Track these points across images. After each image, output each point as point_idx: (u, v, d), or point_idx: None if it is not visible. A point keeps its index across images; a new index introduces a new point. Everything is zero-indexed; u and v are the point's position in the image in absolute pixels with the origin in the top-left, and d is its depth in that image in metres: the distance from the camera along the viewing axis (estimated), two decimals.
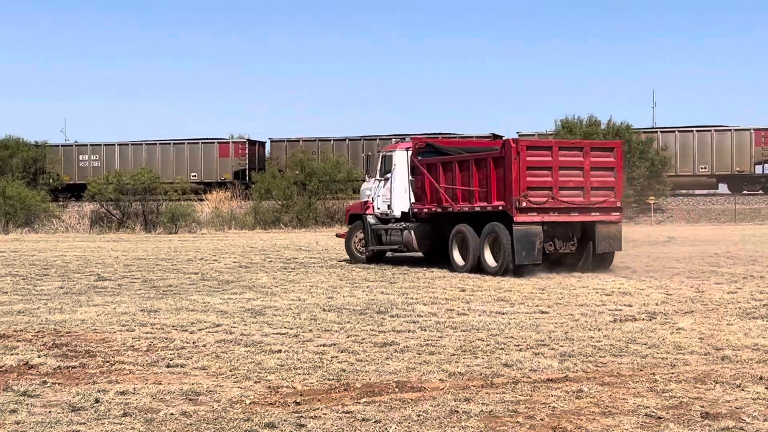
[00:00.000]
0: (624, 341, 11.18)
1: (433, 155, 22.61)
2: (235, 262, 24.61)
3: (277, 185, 49.61)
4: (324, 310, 14.28)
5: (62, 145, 58.31)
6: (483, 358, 10.13)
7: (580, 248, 20.43)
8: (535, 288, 17.18)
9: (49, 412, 7.89)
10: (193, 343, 11.31)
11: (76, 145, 57.52)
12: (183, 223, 47.18)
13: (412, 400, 8.24)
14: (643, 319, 13.07)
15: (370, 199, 23.81)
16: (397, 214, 22.98)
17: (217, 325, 12.70)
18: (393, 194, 22.99)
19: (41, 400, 8.31)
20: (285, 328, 12.43)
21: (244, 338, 11.58)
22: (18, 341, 11.51)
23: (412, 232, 22.37)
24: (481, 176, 20.42)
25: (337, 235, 27.52)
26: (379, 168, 23.71)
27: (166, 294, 16.94)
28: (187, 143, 55.98)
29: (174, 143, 56.10)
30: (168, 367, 9.83)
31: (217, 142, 55.97)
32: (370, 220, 23.48)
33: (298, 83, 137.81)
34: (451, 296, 16.03)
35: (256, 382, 9.02)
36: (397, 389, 8.67)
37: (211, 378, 9.24)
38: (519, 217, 19.38)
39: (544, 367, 9.65)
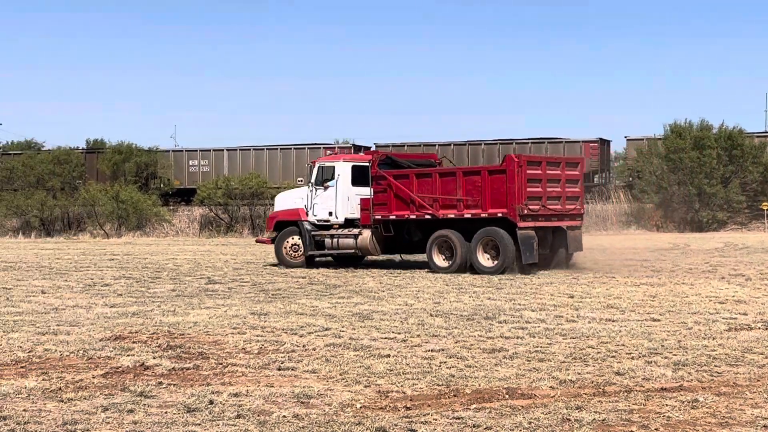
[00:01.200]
0: (740, 350, 10.90)
1: (386, 167, 24.44)
2: (341, 266, 24.78)
3: None
4: (431, 315, 14.28)
5: (173, 151, 59.44)
6: (594, 366, 10.00)
7: (552, 249, 23.15)
8: (645, 295, 16.88)
9: (165, 412, 8.06)
10: (303, 346, 11.43)
11: (186, 151, 58.62)
12: None
13: (522, 407, 8.17)
14: (759, 328, 12.73)
15: (303, 207, 24.95)
16: (341, 220, 24.53)
17: (326, 329, 12.81)
18: (337, 202, 24.51)
19: (157, 401, 8.49)
20: (393, 332, 12.47)
21: (353, 342, 11.66)
22: (134, 342, 11.80)
23: (371, 236, 23.81)
24: (470, 186, 22.43)
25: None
26: (315, 177, 24.87)
27: (275, 297, 17.16)
28: (294, 148, 56.61)
29: (281, 148, 56.79)
30: (279, 369, 9.95)
31: (323, 148, 56.47)
32: (307, 226, 24.74)
33: (404, 87, 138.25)
34: (560, 302, 15.86)
35: (366, 386, 9.06)
36: (507, 396, 8.62)
37: (321, 381, 9.31)
38: (522, 224, 21.79)
39: (658, 375, 9.47)
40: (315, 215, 24.73)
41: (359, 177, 24.44)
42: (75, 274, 22.87)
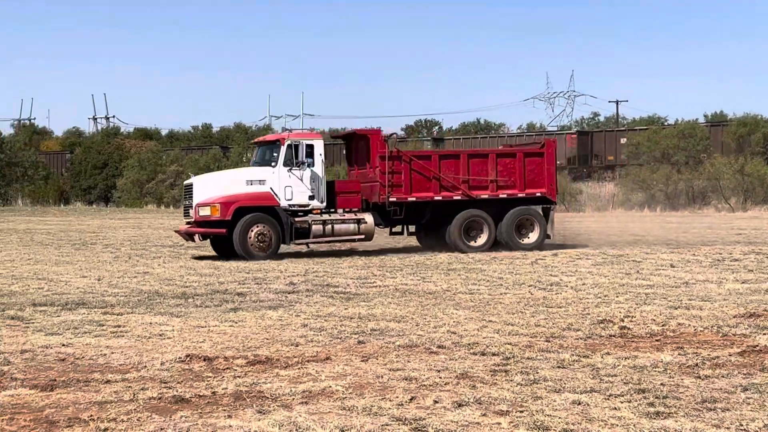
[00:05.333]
0: None
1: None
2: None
3: None
4: None
5: None
6: None
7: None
8: None
9: None
10: None
11: None
12: None
13: None
14: None
15: (269, 190, 21.90)
16: (323, 204, 22.40)
17: None
18: (320, 184, 22.31)
19: None
20: None
21: None
22: None
23: (375, 220, 22.56)
24: (502, 168, 23.17)
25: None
26: (284, 157, 22.01)
27: None
28: None
29: None
30: None
31: None
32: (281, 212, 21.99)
33: None
34: None
35: None
36: None
37: None
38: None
39: None
40: (288, 199, 22.01)
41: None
42: (703, 249, 22.66)
